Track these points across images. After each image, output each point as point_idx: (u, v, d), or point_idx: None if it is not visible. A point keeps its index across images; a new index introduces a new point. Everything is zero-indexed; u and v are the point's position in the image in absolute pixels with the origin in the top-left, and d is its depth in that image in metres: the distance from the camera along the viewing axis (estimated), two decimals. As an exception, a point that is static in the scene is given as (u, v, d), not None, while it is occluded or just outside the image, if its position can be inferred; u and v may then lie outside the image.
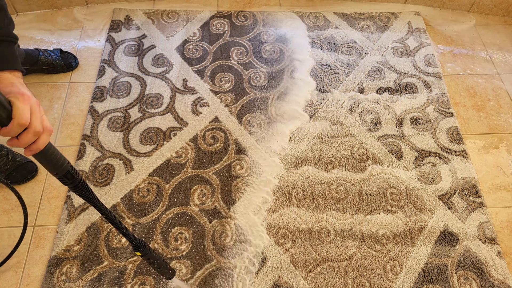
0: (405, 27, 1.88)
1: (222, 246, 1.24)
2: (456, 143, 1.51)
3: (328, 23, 1.86)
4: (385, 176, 1.41)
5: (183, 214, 1.30)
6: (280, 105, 1.57)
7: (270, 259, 1.22)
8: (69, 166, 0.61)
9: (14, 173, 1.30)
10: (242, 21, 1.84)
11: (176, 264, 1.21)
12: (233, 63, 1.69)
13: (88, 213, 1.28)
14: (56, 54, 1.58)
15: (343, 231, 1.29)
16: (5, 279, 1.17)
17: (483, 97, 1.67)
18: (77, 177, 0.62)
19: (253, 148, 1.45)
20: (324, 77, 1.66)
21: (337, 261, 1.23)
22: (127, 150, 1.42)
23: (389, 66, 1.72)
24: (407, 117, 1.57)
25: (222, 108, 1.55)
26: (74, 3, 1.82)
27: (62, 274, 1.17)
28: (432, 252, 1.26)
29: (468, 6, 1.95)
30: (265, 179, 1.38)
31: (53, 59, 1.56)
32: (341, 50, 1.77)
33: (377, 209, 1.34)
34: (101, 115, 1.50)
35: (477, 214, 1.35)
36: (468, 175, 1.43)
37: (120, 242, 1.23)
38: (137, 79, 1.61)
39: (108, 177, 1.36)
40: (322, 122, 1.53)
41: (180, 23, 1.81)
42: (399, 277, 1.21)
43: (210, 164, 1.41)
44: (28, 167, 1.33)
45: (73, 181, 0.62)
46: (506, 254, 1.29)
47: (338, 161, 1.44)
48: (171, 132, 1.48)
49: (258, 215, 1.31)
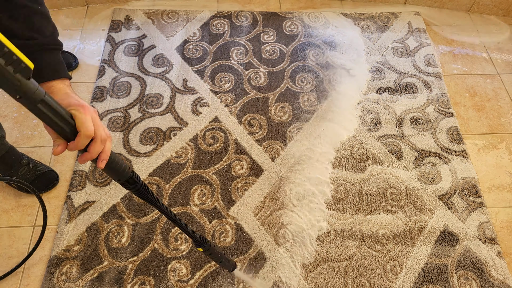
0: (405, 27, 1.88)
1: (222, 246, 1.24)
2: (456, 143, 1.51)
3: (328, 23, 1.86)
4: (385, 176, 1.41)
5: (183, 214, 1.30)
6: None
7: (270, 259, 1.22)
8: (131, 172, 0.62)
9: (36, 182, 1.29)
10: (241, 21, 1.84)
11: (176, 264, 1.21)
12: (233, 63, 1.69)
13: (88, 213, 1.28)
14: None
15: (343, 231, 1.29)
16: (5, 279, 1.17)
17: (483, 97, 1.67)
18: (138, 182, 0.63)
19: (254, 148, 1.45)
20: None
21: (337, 261, 1.23)
22: (127, 150, 1.42)
23: (389, 66, 1.72)
24: (407, 117, 1.57)
25: (222, 108, 1.55)
26: (74, 3, 1.82)
27: (62, 274, 1.17)
28: (432, 252, 1.26)
29: (468, 6, 1.95)
30: (266, 178, 1.38)
31: None
32: (341, 50, 1.77)
33: (377, 209, 1.34)
34: (101, 115, 1.50)
35: (477, 214, 1.35)
36: (468, 175, 1.43)
37: (120, 242, 1.23)
38: (137, 79, 1.61)
39: (108, 177, 1.35)
40: (322, 122, 1.53)
41: (180, 23, 1.81)
42: (399, 277, 1.21)
43: (210, 164, 1.41)
44: (49, 175, 1.32)
45: (135, 185, 0.63)
46: (506, 254, 1.29)
47: (338, 161, 1.44)
48: (171, 132, 1.48)
49: (258, 215, 1.31)
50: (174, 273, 1.19)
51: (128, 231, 1.25)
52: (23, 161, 1.28)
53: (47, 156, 1.40)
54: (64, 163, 1.38)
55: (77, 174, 1.35)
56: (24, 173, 1.27)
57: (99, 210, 1.29)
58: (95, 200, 1.31)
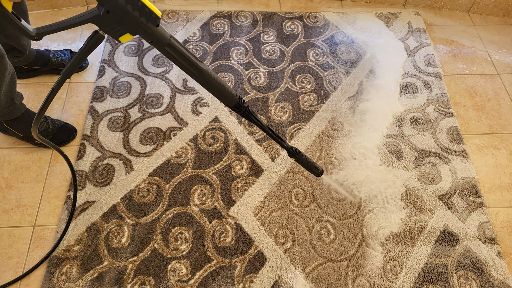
0: (405, 27, 1.88)
1: (222, 246, 1.24)
2: (456, 143, 1.51)
3: (328, 23, 1.86)
4: (384, 176, 1.41)
5: (183, 214, 1.30)
6: (280, 105, 1.57)
7: (270, 259, 1.22)
8: (237, 99, 0.81)
9: (58, 135, 1.41)
10: (241, 21, 1.84)
11: (176, 264, 1.21)
12: (233, 63, 1.69)
13: (88, 213, 1.28)
14: (66, 54, 1.61)
15: (343, 231, 1.29)
16: (5, 279, 1.17)
17: (483, 97, 1.67)
18: (243, 106, 0.84)
19: (254, 148, 1.45)
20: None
21: (337, 261, 1.23)
22: (127, 150, 1.42)
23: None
24: (407, 117, 1.57)
25: (222, 108, 1.55)
26: (74, 3, 1.82)
27: (62, 274, 1.17)
28: (432, 252, 1.26)
29: (468, 6, 1.95)
30: (266, 178, 1.38)
31: (63, 59, 1.59)
32: (341, 50, 1.77)
33: (377, 209, 1.34)
34: (101, 115, 1.50)
35: (477, 214, 1.35)
36: (468, 175, 1.43)
37: (120, 242, 1.23)
38: (137, 79, 1.61)
39: (108, 177, 1.36)
40: (322, 122, 1.53)
41: (180, 23, 1.82)
42: (399, 277, 1.21)
43: (210, 164, 1.41)
44: (69, 127, 1.44)
45: (240, 109, 0.84)
46: (506, 254, 1.29)
47: (338, 161, 1.44)
48: (171, 132, 1.48)
49: (258, 215, 1.31)
50: (174, 273, 1.19)
51: (128, 231, 1.25)
52: (41, 119, 1.34)
53: (47, 156, 1.40)
54: (64, 163, 1.38)
55: (77, 174, 1.35)
56: (44, 128, 1.38)
57: (99, 210, 1.29)
58: (95, 200, 1.31)
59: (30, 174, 1.36)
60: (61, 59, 1.58)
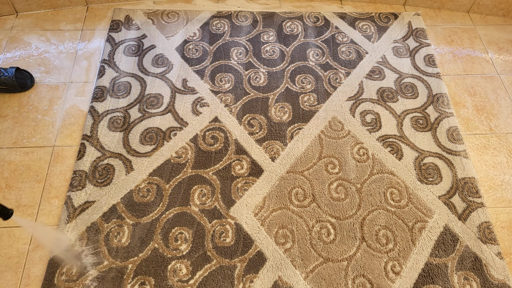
0: (405, 27, 1.88)
1: (222, 246, 1.24)
2: (456, 143, 1.51)
3: (328, 23, 1.86)
4: (385, 176, 1.41)
5: (183, 214, 1.30)
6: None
7: (270, 259, 1.22)
8: None
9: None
10: (241, 21, 1.84)
11: (176, 264, 1.21)
12: (233, 63, 1.69)
13: (88, 213, 1.28)
14: (10, 73, 1.49)
15: (343, 231, 1.29)
16: (5, 279, 1.17)
17: (483, 97, 1.67)
18: None
19: (254, 148, 1.45)
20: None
21: (337, 261, 1.23)
22: (127, 150, 1.42)
23: (389, 66, 1.72)
24: (407, 117, 1.57)
25: (222, 108, 1.55)
26: (74, 3, 1.82)
27: (62, 274, 1.17)
28: (432, 252, 1.26)
29: (468, 7, 1.95)
30: (266, 178, 1.38)
31: (6, 78, 1.48)
32: (341, 50, 1.77)
33: (377, 209, 1.34)
34: (101, 115, 1.50)
35: (477, 214, 1.35)
36: (468, 175, 1.43)
37: (120, 242, 1.23)
38: (137, 79, 1.61)
39: (108, 177, 1.36)
40: (322, 122, 1.53)
41: (180, 23, 1.82)
42: (399, 277, 1.21)
43: (210, 164, 1.41)
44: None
45: None
46: (506, 254, 1.29)
47: (338, 161, 1.44)
48: (171, 132, 1.48)
49: (258, 215, 1.31)
50: (174, 273, 1.19)
51: (128, 231, 1.25)
52: None
53: (47, 156, 1.40)
54: (64, 163, 1.38)
55: (77, 174, 1.35)
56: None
57: (99, 210, 1.29)
58: (95, 200, 1.31)
59: (30, 174, 1.36)
60: (4, 77, 1.47)
